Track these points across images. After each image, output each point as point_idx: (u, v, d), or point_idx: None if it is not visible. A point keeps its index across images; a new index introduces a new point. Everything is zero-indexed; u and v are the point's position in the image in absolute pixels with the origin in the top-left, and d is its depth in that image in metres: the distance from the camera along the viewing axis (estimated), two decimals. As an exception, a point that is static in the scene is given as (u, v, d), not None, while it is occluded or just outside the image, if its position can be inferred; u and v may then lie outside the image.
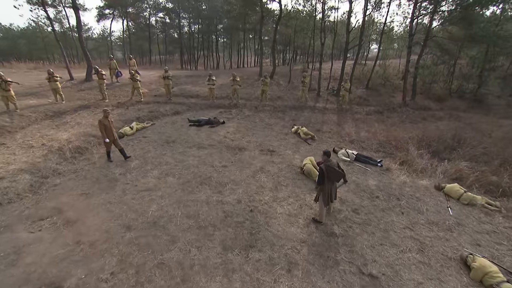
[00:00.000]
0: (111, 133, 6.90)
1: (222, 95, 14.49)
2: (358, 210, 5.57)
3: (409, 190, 6.43)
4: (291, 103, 13.94)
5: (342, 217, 5.32)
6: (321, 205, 5.05)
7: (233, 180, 6.48)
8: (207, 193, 5.90)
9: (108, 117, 6.85)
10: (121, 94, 13.11)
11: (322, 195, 4.98)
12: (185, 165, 7.10)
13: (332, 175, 4.82)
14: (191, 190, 6.00)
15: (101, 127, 6.72)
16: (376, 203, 5.88)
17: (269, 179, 6.65)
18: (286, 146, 8.80)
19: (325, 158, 4.91)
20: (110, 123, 6.89)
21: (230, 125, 10.55)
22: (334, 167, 4.88)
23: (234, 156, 7.81)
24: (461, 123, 10.95)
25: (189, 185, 6.19)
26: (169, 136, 9.05)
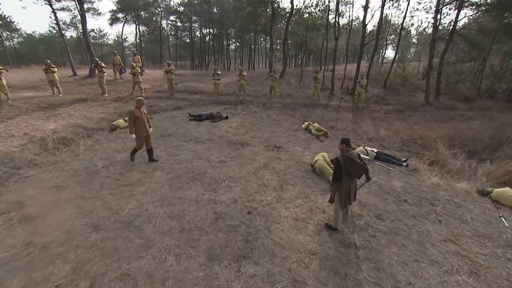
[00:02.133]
0: (144, 128, 5.70)
1: (228, 92, 13.71)
2: (382, 216, 4.47)
3: (444, 194, 5.25)
4: (302, 101, 12.96)
5: (363, 224, 4.24)
6: (336, 208, 4.00)
7: (231, 177, 5.52)
8: (198, 191, 4.96)
9: (141, 108, 5.70)
10: (122, 90, 12.55)
11: (339, 195, 3.93)
12: (177, 159, 6.22)
13: (352, 168, 3.77)
14: (179, 186, 5.09)
15: (131, 118, 5.56)
16: (405, 208, 4.76)
17: (274, 177, 5.65)
18: (295, 143, 7.79)
19: (343, 147, 3.89)
20: (143, 115, 5.72)
21: (233, 120, 9.67)
22: (354, 158, 3.84)
23: (235, 152, 6.87)
24: (497, 123, 9.60)
25: (179, 180, 5.29)
26: (165, 129, 8.24)
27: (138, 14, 31.54)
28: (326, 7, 17.26)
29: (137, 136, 5.74)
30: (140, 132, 5.71)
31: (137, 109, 5.66)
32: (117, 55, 14.10)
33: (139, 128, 5.68)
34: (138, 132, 5.69)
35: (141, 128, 5.69)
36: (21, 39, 44.06)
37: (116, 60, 13.99)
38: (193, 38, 36.36)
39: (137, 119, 5.63)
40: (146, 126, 5.78)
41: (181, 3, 32.42)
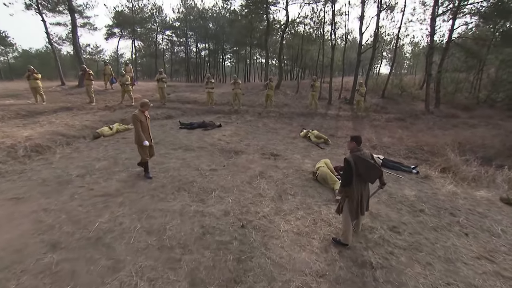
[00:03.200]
0: (149, 135, 5.03)
1: (222, 102, 13.26)
2: (398, 228, 3.84)
3: (464, 203, 4.66)
4: (299, 110, 12.53)
5: (377, 238, 3.59)
6: (346, 219, 3.37)
7: (222, 186, 4.88)
8: (184, 201, 4.29)
9: (145, 112, 4.96)
10: (111, 99, 12.00)
11: (349, 204, 3.32)
12: (163, 167, 5.58)
13: (364, 170, 3.18)
14: (163, 197, 4.41)
15: (137, 124, 4.76)
16: (422, 219, 4.13)
17: (271, 186, 5.01)
18: (293, 150, 7.21)
19: (353, 145, 3.32)
20: (148, 121, 5.01)
21: (227, 129, 9.11)
22: (367, 158, 3.26)
23: (227, 160, 6.25)
24: (502, 130, 9.19)
25: (162, 190, 4.62)
26: (153, 137, 7.56)
27: (134, 29, 31.68)
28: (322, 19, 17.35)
29: (140, 145, 4.90)
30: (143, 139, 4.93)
31: (142, 113, 4.89)
32: (108, 64, 13.69)
33: (144, 135, 4.90)
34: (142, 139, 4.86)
35: (146, 135, 4.93)
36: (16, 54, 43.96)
37: (107, 70, 13.56)
38: (189, 53, 36.55)
39: (142, 124, 4.85)
40: (150, 132, 5.05)
41: (177, 19, 32.77)
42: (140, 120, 4.81)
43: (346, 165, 3.23)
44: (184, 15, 32.25)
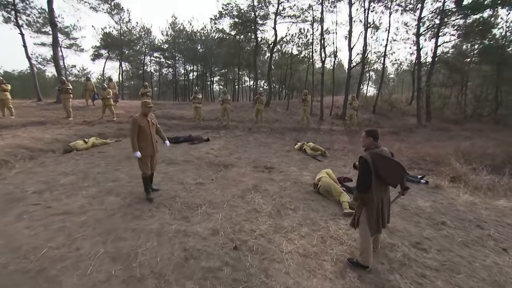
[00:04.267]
0: (151, 143, 4.04)
1: (210, 118, 12.70)
2: (422, 245, 3.20)
3: (488, 214, 4.11)
4: (290, 125, 12.12)
5: (401, 257, 2.93)
6: (365, 234, 2.72)
7: (210, 201, 4.14)
8: (164, 219, 3.52)
9: (148, 116, 4.05)
10: (92, 115, 11.20)
11: (367, 214, 2.69)
12: (141, 181, 4.78)
13: (386, 171, 2.60)
14: (138, 214, 3.63)
15: (134, 129, 3.88)
16: (447, 232, 3.53)
17: (267, 200, 4.32)
18: (289, 163, 6.60)
19: (370, 141, 2.76)
20: (151, 126, 4.07)
21: (215, 143, 8.46)
22: (388, 156, 2.70)
23: (216, 174, 5.54)
24: (498, 141, 9.02)
25: (138, 207, 3.83)
26: (134, 151, 6.84)
27: (121, 51, 31.54)
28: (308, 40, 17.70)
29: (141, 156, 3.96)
30: (145, 149, 3.99)
31: (143, 117, 3.99)
32: (90, 80, 13.04)
33: (144, 143, 3.97)
34: (142, 149, 3.96)
35: (147, 144, 3.99)
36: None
37: (89, 85, 12.87)
38: (177, 75, 36.53)
39: (142, 130, 3.93)
40: (153, 141, 4.10)
41: (165, 41, 33.01)
42: (139, 125, 3.90)
43: (362, 165, 2.64)
44: (172, 38, 32.57)
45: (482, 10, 12.09)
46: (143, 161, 4.04)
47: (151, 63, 35.69)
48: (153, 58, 34.67)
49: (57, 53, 12.63)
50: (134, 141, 3.93)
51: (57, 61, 12.37)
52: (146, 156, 4.04)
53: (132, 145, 3.94)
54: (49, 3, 11.56)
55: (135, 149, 3.93)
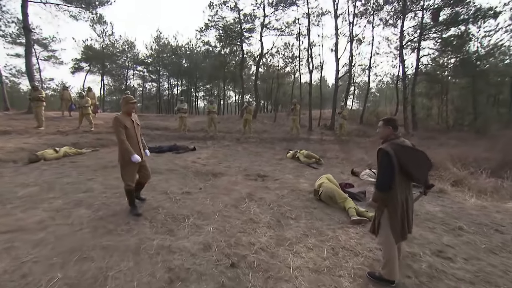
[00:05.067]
0: (137, 147, 3.41)
1: (195, 129, 12.16)
2: (445, 253, 2.81)
3: (503, 218, 3.83)
4: (280, 136, 11.79)
5: (426, 269, 2.51)
6: (388, 242, 2.29)
7: (199, 212, 3.58)
8: (144, 233, 2.93)
9: (131, 115, 3.44)
10: (67, 125, 10.34)
11: (390, 217, 2.27)
12: (118, 192, 4.15)
13: (411, 164, 2.22)
14: (111, 228, 3.00)
15: (119, 130, 3.23)
16: (467, 238, 3.17)
17: (264, 209, 3.82)
18: (283, 171, 6.16)
19: (390, 131, 2.39)
20: (135, 127, 3.45)
21: (203, 152, 7.91)
22: (412, 146, 2.34)
23: (204, 182, 4.99)
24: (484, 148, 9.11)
25: (112, 220, 3.21)
26: (111, 161, 6.16)
27: (104, 64, 30.65)
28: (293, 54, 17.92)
29: (123, 163, 3.31)
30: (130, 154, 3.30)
31: (126, 116, 3.37)
32: (67, 89, 12.21)
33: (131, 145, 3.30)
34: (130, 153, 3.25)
35: (134, 148, 3.32)
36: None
37: (65, 95, 12.02)
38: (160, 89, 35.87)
39: (127, 132, 3.28)
40: (139, 144, 3.49)
41: (149, 55, 32.54)
42: (124, 126, 3.26)
43: (383, 159, 2.25)
44: (156, 52, 32.20)
45: (456, 25, 12.77)
46: (129, 170, 3.35)
47: (134, 77, 34.94)
48: (137, 71, 33.96)
49: (30, 60, 11.80)
50: (126, 143, 3.21)
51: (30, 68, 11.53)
52: (132, 164, 3.34)
53: (125, 149, 3.21)
54: (23, 7, 10.91)
55: (130, 151, 3.21)
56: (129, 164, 3.30)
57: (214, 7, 16.82)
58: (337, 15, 12.69)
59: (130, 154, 3.22)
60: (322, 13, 14.59)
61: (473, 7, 11.47)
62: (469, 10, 11.56)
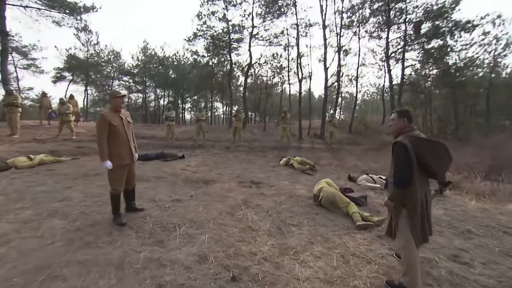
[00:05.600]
0: (127, 147, 3.05)
1: (183, 138, 11.77)
2: (461, 258, 2.63)
3: (508, 220, 3.73)
4: (271, 144, 11.61)
5: (447, 275, 2.30)
6: (408, 246, 2.08)
7: (192, 220, 3.24)
8: (129, 245, 2.56)
9: (120, 111, 3.07)
10: (45, 133, 9.68)
11: (409, 217, 2.06)
12: (99, 200, 3.74)
13: (430, 156, 2.03)
14: (90, 241, 2.61)
15: (103, 129, 2.86)
16: (478, 241, 3.00)
17: (263, 216, 3.53)
18: (277, 178, 5.90)
19: (405, 123, 2.22)
20: (125, 125, 3.08)
21: (192, 160, 7.55)
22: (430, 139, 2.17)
23: (196, 190, 4.64)
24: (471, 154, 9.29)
25: (91, 231, 2.81)
26: (93, 169, 5.70)
27: (88, 74, 29.73)
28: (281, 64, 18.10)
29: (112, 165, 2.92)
30: (119, 157, 2.95)
31: (114, 113, 3.01)
32: (46, 96, 11.54)
33: (117, 148, 2.94)
34: (115, 156, 2.92)
35: (121, 149, 2.97)
36: None
37: (45, 102, 11.35)
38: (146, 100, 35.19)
39: (114, 130, 2.92)
40: (130, 144, 3.10)
41: (136, 66, 32.02)
42: (109, 123, 2.88)
43: (400, 152, 2.06)
44: (143, 63, 31.76)
45: (436, 38, 13.38)
46: (116, 173, 2.98)
47: (120, 87, 34.08)
48: (122, 82, 33.18)
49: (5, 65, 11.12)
50: (103, 146, 2.85)
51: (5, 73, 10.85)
52: (121, 167, 2.98)
53: (100, 152, 2.87)
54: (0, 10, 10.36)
55: (104, 157, 2.85)
56: (117, 166, 2.96)
57: (202, 17, 16.86)
58: (325, 25, 13.04)
59: (102, 158, 2.88)
60: (310, 24, 14.94)
61: (452, 21, 12.10)
62: (449, 24, 12.18)
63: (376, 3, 12.81)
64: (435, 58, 13.44)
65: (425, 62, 14.01)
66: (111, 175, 3.00)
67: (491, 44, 16.10)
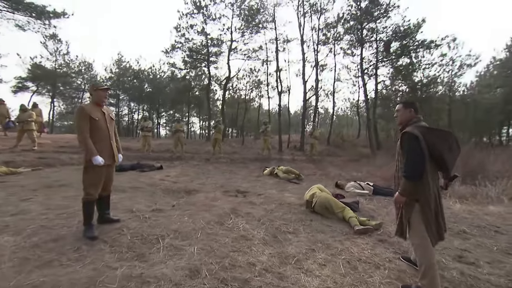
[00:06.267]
0: (109, 147, 2.72)
1: (160, 150, 11.16)
2: (466, 258, 2.56)
3: (494, 220, 3.79)
4: (251, 156, 11.37)
5: (459, 277, 2.19)
6: (423, 245, 1.93)
7: (176, 230, 2.86)
8: (102, 261, 2.14)
9: (102, 105, 2.73)
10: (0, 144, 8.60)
11: (422, 212, 1.93)
12: (65, 212, 3.22)
13: (441, 146, 1.93)
14: (51, 259, 2.15)
15: (83, 122, 2.53)
16: (476, 241, 3.00)
17: (255, 225, 3.23)
18: (264, 187, 5.65)
19: (411, 114, 2.14)
20: (107, 121, 2.73)
21: (171, 170, 7.06)
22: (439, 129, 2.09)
23: (178, 199, 4.23)
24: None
25: (54, 246, 2.34)
26: (58, 180, 5.04)
27: (55, 85, 27.74)
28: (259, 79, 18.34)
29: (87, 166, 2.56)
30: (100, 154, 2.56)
31: (95, 107, 2.67)
32: (4, 103, 10.38)
33: (97, 145, 2.58)
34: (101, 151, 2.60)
35: (102, 146, 2.63)
36: None
37: (1, 109, 10.20)
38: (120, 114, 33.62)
39: (95, 125, 2.59)
40: (112, 142, 2.76)
41: (109, 78, 30.70)
42: (90, 117, 2.55)
43: (411, 143, 1.94)
44: (117, 75, 30.58)
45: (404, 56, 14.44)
46: (94, 175, 2.59)
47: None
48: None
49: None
50: (88, 140, 2.50)
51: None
52: (100, 168, 2.58)
53: (87, 147, 2.50)
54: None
55: (93, 151, 2.49)
56: (95, 168, 2.56)
57: (181, 30, 16.73)
58: (303, 41, 13.56)
59: (92, 154, 2.51)
60: (287, 40, 15.43)
61: (418, 41, 13.21)
62: (415, 43, 13.26)
63: (349, 23, 13.66)
64: (403, 75, 14.46)
65: (395, 78, 15.01)
66: (86, 177, 2.59)
67: (449, 65, 17.79)
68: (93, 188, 2.60)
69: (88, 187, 2.58)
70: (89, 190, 2.59)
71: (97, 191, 2.65)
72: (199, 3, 15.97)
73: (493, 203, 4.63)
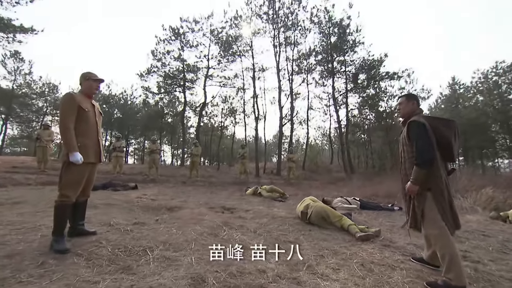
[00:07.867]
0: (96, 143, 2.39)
1: (132, 172, 10.38)
2: (470, 257, 2.58)
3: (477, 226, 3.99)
4: (230, 180, 11.03)
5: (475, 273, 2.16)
6: (442, 235, 1.89)
7: (166, 242, 2.50)
8: (77, 276, 1.75)
9: (92, 98, 2.47)
10: None
11: (436, 201, 1.92)
12: (22, 227, 2.68)
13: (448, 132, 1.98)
14: (6, 275, 1.70)
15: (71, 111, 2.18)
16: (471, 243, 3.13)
17: (252, 236, 2.97)
18: (250, 204, 5.37)
19: (413, 107, 2.21)
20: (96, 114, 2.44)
21: (147, 190, 6.48)
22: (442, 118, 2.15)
23: (160, 216, 3.80)
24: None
25: (10, 263, 1.88)
26: (10, 198, 4.31)
27: (10, 106, 25.24)
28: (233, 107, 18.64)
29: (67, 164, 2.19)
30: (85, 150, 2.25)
31: (85, 98, 2.38)
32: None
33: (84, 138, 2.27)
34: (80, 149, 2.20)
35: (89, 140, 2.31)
36: None
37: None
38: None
39: (84, 117, 2.28)
40: (99, 139, 2.45)
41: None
42: (80, 106, 2.24)
43: (419, 130, 1.95)
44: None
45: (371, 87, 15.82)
46: (75, 174, 2.22)
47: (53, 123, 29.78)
48: (57, 117, 29.16)
49: None
50: (71, 132, 2.17)
51: None
52: (83, 165, 2.24)
53: (68, 140, 2.17)
54: None
55: (73, 147, 2.15)
56: (76, 166, 2.19)
57: (157, 55, 16.77)
58: (279, 68, 14.30)
59: (71, 149, 2.16)
60: (263, 69, 16.15)
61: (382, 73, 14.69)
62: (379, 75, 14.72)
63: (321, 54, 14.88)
64: (369, 105, 15.72)
65: (363, 107, 16.26)
66: (65, 175, 2.21)
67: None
68: (71, 189, 2.22)
69: (65, 187, 2.19)
70: (66, 191, 2.19)
71: (75, 194, 2.26)
72: (177, 30, 16.35)
73: (468, 213, 4.87)
